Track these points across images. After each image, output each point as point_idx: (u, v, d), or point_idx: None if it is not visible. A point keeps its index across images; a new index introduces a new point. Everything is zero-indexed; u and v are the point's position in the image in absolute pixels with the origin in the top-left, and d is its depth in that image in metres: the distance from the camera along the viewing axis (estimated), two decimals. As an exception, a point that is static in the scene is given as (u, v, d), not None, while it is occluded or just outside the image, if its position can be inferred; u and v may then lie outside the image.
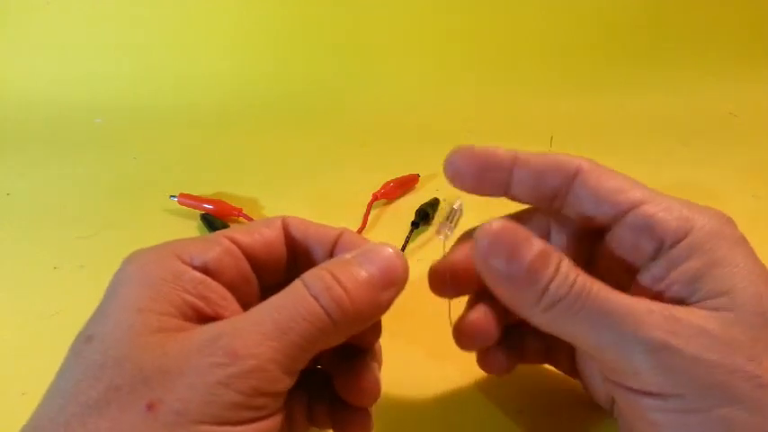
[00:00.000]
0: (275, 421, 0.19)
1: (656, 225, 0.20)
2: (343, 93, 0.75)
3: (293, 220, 0.24)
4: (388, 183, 0.50)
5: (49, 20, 0.74)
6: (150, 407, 0.16)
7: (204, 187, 0.51)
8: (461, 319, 0.25)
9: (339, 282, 0.19)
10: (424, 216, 0.45)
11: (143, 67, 0.75)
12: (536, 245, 0.20)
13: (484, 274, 0.21)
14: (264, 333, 0.18)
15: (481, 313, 0.24)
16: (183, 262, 0.20)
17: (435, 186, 0.52)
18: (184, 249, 0.21)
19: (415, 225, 0.44)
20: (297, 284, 0.20)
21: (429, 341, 0.33)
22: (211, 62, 0.77)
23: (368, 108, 0.72)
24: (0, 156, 0.61)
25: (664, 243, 0.20)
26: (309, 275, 0.20)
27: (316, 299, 0.19)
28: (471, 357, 0.30)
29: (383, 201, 0.49)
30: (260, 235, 0.23)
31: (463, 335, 0.24)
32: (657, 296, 0.20)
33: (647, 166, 0.57)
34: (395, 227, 0.45)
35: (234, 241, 0.22)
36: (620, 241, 0.21)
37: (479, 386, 0.30)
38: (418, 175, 0.52)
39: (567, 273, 0.19)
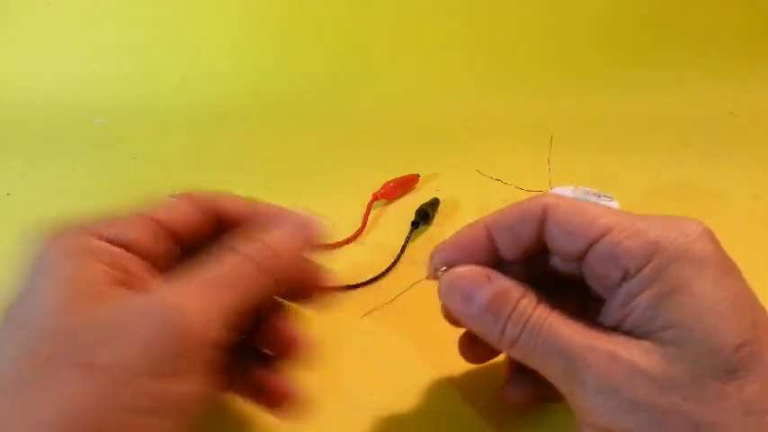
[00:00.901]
0: (210, 376, 0.19)
1: (620, 254, 0.19)
2: (343, 93, 0.75)
3: (208, 195, 0.25)
4: (388, 183, 0.50)
5: (49, 20, 0.74)
6: (88, 367, 0.16)
7: (204, 187, 0.51)
8: (463, 336, 0.26)
9: (264, 243, 0.21)
10: (424, 216, 0.45)
11: (143, 67, 0.75)
12: (492, 287, 0.21)
13: (451, 312, 0.22)
14: (203, 290, 0.19)
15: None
16: (98, 237, 0.20)
17: (435, 186, 0.52)
18: (96, 226, 0.21)
19: (415, 225, 0.44)
20: (227, 248, 0.21)
21: (427, 341, 0.33)
22: (211, 62, 0.77)
23: (368, 108, 0.72)
24: (0, 156, 0.61)
25: (629, 272, 0.19)
26: (238, 240, 0.21)
27: (248, 257, 0.21)
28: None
29: (383, 201, 0.49)
30: (176, 209, 0.24)
31: (463, 351, 0.26)
32: (621, 322, 0.20)
33: (647, 166, 0.57)
34: (395, 227, 0.45)
35: (150, 218, 0.22)
36: (592, 271, 0.21)
37: (478, 386, 0.30)
38: (418, 175, 0.52)
39: (524, 310, 0.20)
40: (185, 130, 0.68)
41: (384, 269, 0.40)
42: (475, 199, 0.49)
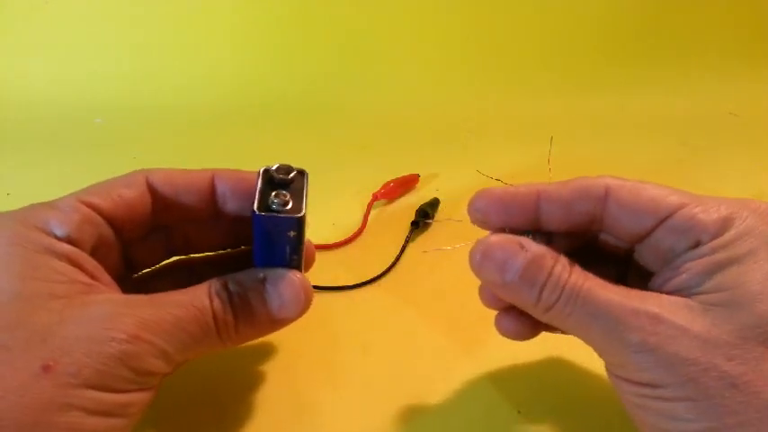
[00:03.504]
0: (151, 393, 0.21)
1: (694, 226, 0.20)
2: (343, 93, 0.75)
3: (157, 174, 0.25)
4: (388, 183, 0.50)
5: (49, 20, 0.74)
6: (46, 368, 0.17)
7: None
8: (501, 312, 0.26)
9: (236, 316, 0.22)
10: (423, 216, 0.45)
11: (143, 67, 0.75)
12: (527, 253, 0.21)
13: (484, 284, 0.22)
14: (163, 326, 0.20)
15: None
16: (47, 234, 0.21)
17: (435, 186, 0.52)
18: (44, 220, 0.21)
19: (415, 225, 0.44)
20: (202, 292, 0.22)
21: (427, 340, 0.33)
22: (211, 62, 0.76)
23: (368, 108, 0.72)
24: (0, 156, 0.61)
25: (700, 243, 0.20)
26: (216, 288, 0.22)
27: (214, 318, 0.21)
28: (468, 357, 0.30)
29: (383, 201, 0.49)
30: (120, 197, 0.24)
31: (501, 326, 0.25)
32: (667, 283, 0.21)
33: (648, 166, 0.57)
34: (395, 227, 0.45)
35: (92, 207, 0.23)
36: (657, 244, 0.22)
37: (477, 385, 0.30)
38: (418, 175, 0.52)
39: (560, 275, 0.20)
40: (185, 130, 0.68)
41: (384, 269, 0.40)
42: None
